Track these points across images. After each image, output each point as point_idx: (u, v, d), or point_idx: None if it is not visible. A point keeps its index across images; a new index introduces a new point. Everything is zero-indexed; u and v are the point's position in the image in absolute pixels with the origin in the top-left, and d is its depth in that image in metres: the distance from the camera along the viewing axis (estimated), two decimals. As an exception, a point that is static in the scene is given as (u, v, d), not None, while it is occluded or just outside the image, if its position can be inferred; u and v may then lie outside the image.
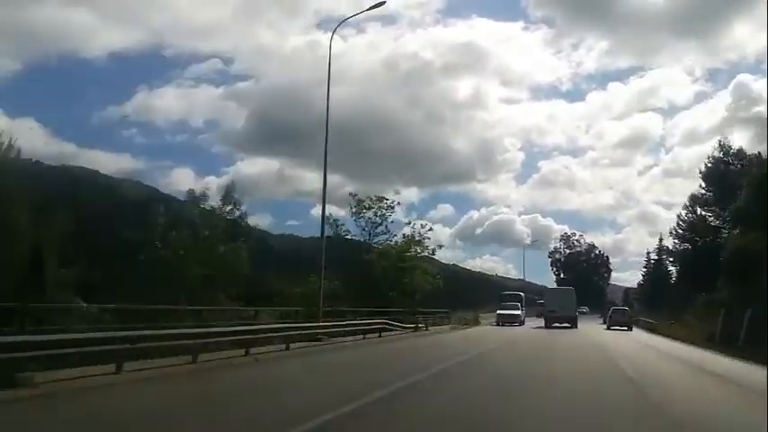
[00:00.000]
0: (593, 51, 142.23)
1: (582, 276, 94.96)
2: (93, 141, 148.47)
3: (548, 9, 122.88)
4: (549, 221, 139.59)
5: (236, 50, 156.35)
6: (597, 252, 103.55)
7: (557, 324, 32.88)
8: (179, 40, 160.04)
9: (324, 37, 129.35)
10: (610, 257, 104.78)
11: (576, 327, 32.67)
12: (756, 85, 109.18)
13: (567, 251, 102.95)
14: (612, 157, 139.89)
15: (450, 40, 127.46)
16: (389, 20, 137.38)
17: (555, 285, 73.65)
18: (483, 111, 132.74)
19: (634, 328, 35.62)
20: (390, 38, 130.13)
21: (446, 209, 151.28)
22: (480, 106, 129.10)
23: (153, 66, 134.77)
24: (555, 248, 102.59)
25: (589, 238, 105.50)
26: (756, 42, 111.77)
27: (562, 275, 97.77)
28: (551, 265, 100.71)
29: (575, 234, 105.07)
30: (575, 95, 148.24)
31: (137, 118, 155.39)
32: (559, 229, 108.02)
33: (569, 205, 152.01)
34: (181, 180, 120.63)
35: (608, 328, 35.62)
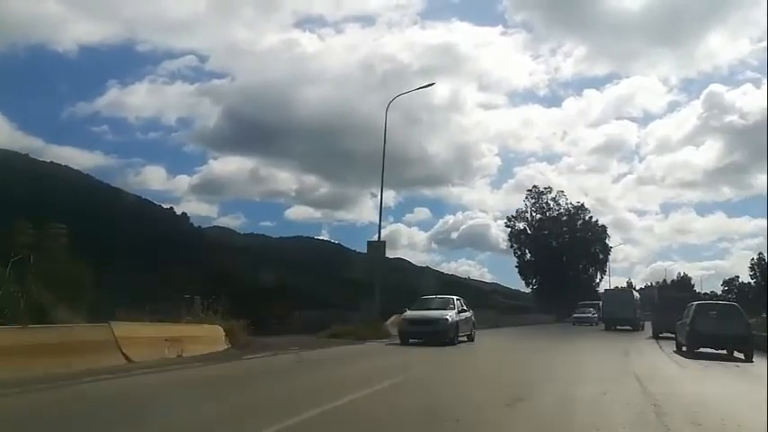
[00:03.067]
0: (570, 57, 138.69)
1: (565, 254, 68.20)
2: (63, 137, 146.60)
3: (527, 14, 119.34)
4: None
5: (211, 47, 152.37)
6: (588, 218, 70.97)
7: (618, 327, 31.97)
8: (153, 36, 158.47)
9: (301, 36, 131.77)
10: (608, 228, 72.67)
11: (639, 329, 30.99)
12: (728, 95, 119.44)
13: (538, 216, 70.04)
14: (588, 163, 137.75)
15: (429, 42, 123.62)
16: (368, 21, 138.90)
17: (525, 284, 66.44)
18: (460, 115, 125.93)
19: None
20: (368, 39, 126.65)
21: (423, 212, 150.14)
22: (457, 110, 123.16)
23: (125, 61, 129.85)
24: (517, 211, 71.29)
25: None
26: (729, 53, 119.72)
27: (528, 255, 68.93)
28: (510, 241, 69.98)
29: (549, 189, 71.43)
30: (551, 101, 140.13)
31: (108, 114, 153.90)
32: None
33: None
34: (152, 178, 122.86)
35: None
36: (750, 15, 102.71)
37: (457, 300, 19.82)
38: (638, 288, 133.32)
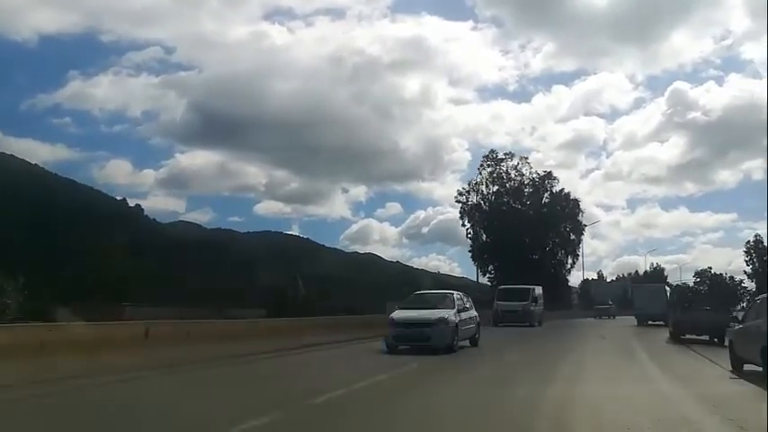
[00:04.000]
0: (539, 53, 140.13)
1: (529, 234, 53.95)
2: (22, 129, 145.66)
3: (496, 9, 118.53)
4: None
5: (177, 39, 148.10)
6: (557, 190, 56.81)
7: (650, 322, 31.86)
8: (117, 26, 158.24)
9: (270, 28, 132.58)
10: (581, 203, 58.65)
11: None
12: (692, 92, 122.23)
13: (494, 188, 55.76)
14: (556, 158, 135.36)
15: (399, 36, 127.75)
16: (338, 14, 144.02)
17: (481, 272, 54.65)
18: (430, 109, 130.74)
19: None
20: (338, 32, 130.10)
21: (394, 207, 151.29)
22: (428, 104, 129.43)
23: (88, 51, 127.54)
24: (470, 183, 57.11)
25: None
26: (692, 52, 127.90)
27: (484, 237, 55.52)
28: (462, 219, 55.86)
29: (510, 155, 57.24)
30: (521, 97, 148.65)
31: (70, 106, 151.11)
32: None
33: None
34: (117, 172, 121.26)
35: None
36: (712, 15, 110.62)
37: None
38: (608, 281, 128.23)
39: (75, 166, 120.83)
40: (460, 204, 56.14)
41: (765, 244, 67.22)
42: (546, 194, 55.79)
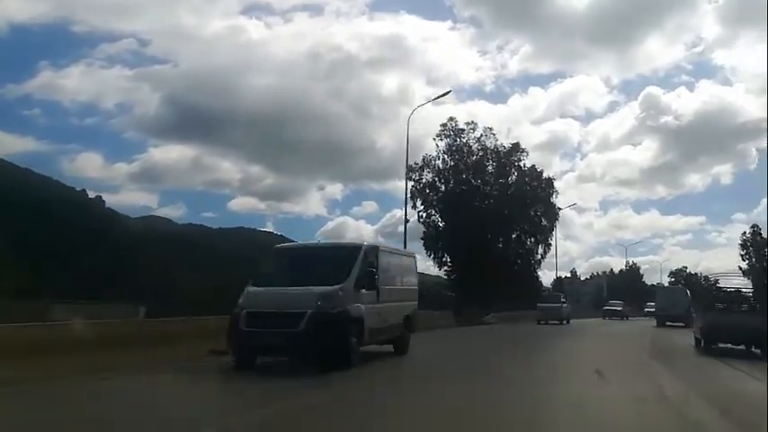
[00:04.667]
0: (516, 55, 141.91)
1: (492, 219, 43.87)
2: None
3: (475, 10, 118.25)
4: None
5: (153, 31, 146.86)
6: (527, 166, 47.28)
7: (669, 323, 31.71)
8: (91, 17, 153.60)
9: (247, 23, 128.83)
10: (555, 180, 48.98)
11: (691, 326, 25.32)
12: (664, 97, 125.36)
13: (452, 163, 45.95)
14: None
15: (377, 34, 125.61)
16: (316, 10, 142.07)
17: (437, 265, 46.47)
18: (408, 108, 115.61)
19: None
20: (316, 28, 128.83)
21: (370, 205, 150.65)
22: (405, 103, 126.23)
23: (60, 42, 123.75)
24: (423, 158, 46.61)
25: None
26: (665, 58, 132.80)
27: (440, 222, 45.95)
28: (413, 200, 43.77)
29: (473, 126, 46.80)
30: (497, 97, 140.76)
31: (40, 97, 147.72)
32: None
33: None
34: (88, 166, 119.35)
35: None
36: (685, 22, 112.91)
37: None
38: (583, 278, 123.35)
39: (44, 159, 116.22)
40: (411, 183, 46.41)
41: (765, 236, 59.31)
42: (513, 172, 46.32)
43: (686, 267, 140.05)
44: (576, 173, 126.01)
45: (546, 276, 61.75)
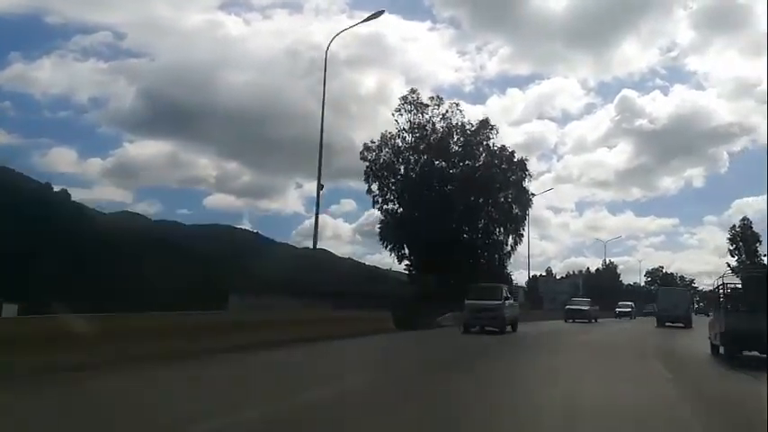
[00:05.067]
0: (495, 56, 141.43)
1: (457, 206, 38.82)
2: None
3: (454, 11, 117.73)
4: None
5: (129, 24, 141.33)
6: (496, 146, 41.39)
7: (669, 323, 32.31)
8: (65, 8, 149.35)
9: (226, 18, 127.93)
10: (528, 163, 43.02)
11: (691, 326, 30.76)
12: (639, 101, 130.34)
13: (413, 141, 40.41)
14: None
15: (357, 32, 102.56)
16: (296, 7, 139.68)
17: (396, 258, 41.09)
18: (387, 107, 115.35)
19: None
20: (295, 25, 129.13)
21: (349, 204, 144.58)
22: (384, 102, 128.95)
23: (32, 33, 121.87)
24: (382, 136, 41.31)
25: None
26: (640, 62, 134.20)
27: (397, 207, 40.58)
28: (368, 182, 40.08)
29: (438, 101, 41.27)
30: (476, 98, 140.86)
31: (10, 89, 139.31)
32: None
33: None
34: (60, 160, 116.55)
35: None
36: (660, 27, 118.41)
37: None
38: (559, 277, 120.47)
39: (15, 153, 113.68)
40: (367, 163, 40.74)
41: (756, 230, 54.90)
42: (481, 151, 40.75)
43: (662, 267, 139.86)
44: (553, 174, 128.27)
45: (521, 276, 58.52)
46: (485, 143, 40.42)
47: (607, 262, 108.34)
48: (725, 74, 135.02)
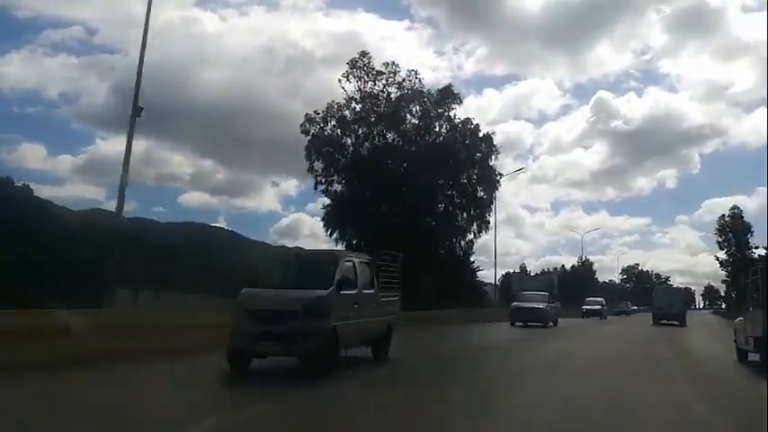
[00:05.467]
0: (472, 56, 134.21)
1: (413, 188, 33.41)
2: None
3: (432, 10, 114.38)
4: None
5: (101, 19, 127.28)
6: (459, 119, 35.80)
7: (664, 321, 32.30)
8: (34, 2, 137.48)
9: (202, 14, 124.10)
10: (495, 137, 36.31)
11: (686, 324, 31.40)
12: (614, 102, 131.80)
13: (361, 112, 34.82)
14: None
15: (333, 31, 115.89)
16: (272, 4, 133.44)
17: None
18: None
19: None
20: (272, 23, 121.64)
21: (325, 202, 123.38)
22: None
23: (0, 27, 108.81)
24: (328, 106, 35.49)
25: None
26: (615, 63, 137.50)
27: (340, 188, 35.11)
28: (309, 159, 34.01)
29: (393, 68, 35.45)
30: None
31: None
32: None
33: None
34: (30, 157, 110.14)
35: None
36: (634, 30, 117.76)
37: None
38: (533, 274, 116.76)
39: None
40: (308, 137, 34.83)
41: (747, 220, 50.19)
42: (442, 124, 35.09)
43: (638, 264, 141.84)
44: (529, 174, 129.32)
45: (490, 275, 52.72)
46: (446, 114, 34.77)
47: (583, 258, 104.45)
48: (697, 77, 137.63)
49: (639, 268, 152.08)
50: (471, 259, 38.24)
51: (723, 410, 6.80)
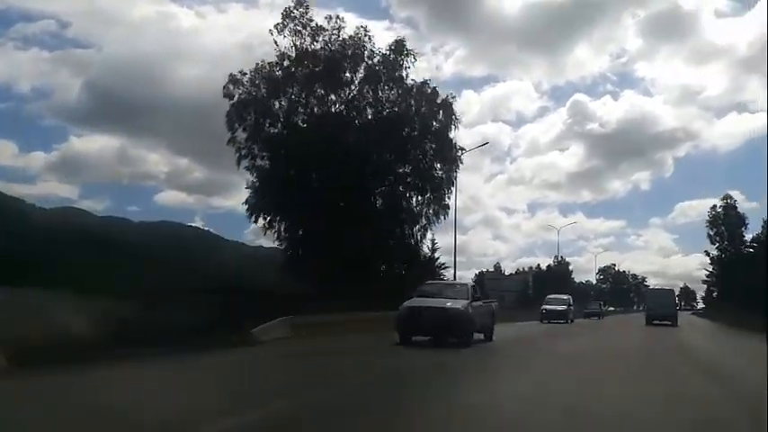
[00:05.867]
0: (451, 57, 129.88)
1: (352, 160, 27.34)
2: None
3: (411, 11, 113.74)
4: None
5: (74, 13, 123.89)
6: (411, 81, 29.67)
7: (657, 322, 32.11)
8: None
9: (178, 10, 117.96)
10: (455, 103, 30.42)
11: (677, 325, 31.66)
12: (591, 104, 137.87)
13: (295, 69, 28.55)
14: (463, 161, 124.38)
15: None
16: (251, 2, 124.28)
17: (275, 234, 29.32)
18: None
19: None
20: (250, 20, 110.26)
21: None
22: None
23: None
24: (257, 66, 28.95)
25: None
26: (592, 66, 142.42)
27: (267, 163, 28.28)
28: (231, 129, 27.81)
29: (339, 21, 29.09)
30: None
31: None
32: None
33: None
34: (0, 153, 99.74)
35: None
36: (610, 34, 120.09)
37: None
38: (507, 274, 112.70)
39: None
40: (230, 101, 28.62)
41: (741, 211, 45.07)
42: (392, 87, 29.02)
43: (614, 264, 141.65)
44: (506, 175, 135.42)
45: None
46: (398, 75, 28.68)
47: (559, 258, 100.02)
48: (671, 81, 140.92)
49: (616, 268, 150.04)
50: (436, 255, 32.45)
51: None
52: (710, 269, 55.66)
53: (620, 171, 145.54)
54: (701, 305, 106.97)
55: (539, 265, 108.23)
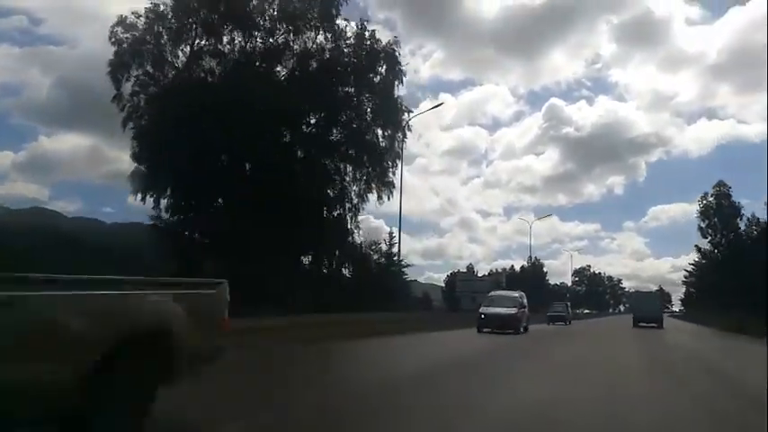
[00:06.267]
0: (428, 60, 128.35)
1: (272, 122, 20.65)
2: None
3: (389, 12, 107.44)
4: (380, 222, 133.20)
5: (46, 9, 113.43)
6: (357, 30, 23.89)
7: (643, 324, 33.63)
8: None
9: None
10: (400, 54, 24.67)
11: (662, 327, 32.54)
12: (567, 108, 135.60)
13: (200, 10, 22.63)
14: (440, 165, 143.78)
15: None
16: None
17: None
18: None
19: None
20: None
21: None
22: None
23: None
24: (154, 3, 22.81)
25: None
26: (567, 72, 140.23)
27: (165, 125, 23.93)
28: (115, 79, 21.87)
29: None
30: (409, 102, 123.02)
31: None
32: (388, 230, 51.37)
33: (397, 208, 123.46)
34: None
35: None
36: (585, 39, 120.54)
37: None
38: (480, 275, 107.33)
39: None
40: (116, 48, 22.30)
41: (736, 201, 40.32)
42: (323, 32, 22.89)
43: (590, 266, 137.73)
44: (482, 179, 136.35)
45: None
46: (329, 14, 22.54)
47: (532, 259, 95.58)
48: (644, 86, 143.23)
49: (591, 270, 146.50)
50: (404, 252, 26.46)
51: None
52: (691, 269, 52.93)
53: (594, 175, 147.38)
54: (676, 308, 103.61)
55: (512, 266, 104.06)
